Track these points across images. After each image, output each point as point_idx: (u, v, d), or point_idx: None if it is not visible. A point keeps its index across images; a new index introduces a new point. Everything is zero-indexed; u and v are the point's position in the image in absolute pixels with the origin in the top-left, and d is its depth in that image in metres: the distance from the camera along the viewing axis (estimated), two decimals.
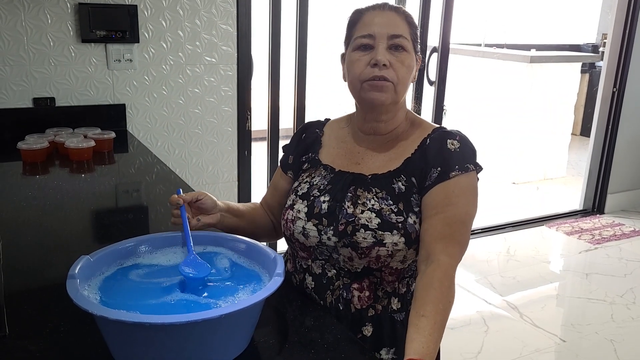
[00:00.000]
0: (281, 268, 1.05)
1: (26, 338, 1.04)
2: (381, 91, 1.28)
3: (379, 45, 1.27)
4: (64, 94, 2.53)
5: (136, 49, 2.62)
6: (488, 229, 4.32)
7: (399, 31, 1.28)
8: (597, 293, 3.41)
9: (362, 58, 1.29)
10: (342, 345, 1.07)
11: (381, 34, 1.27)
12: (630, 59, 4.38)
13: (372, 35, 1.28)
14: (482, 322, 3.04)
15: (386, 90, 1.28)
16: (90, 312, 0.89)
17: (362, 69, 1.28)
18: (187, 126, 2.85)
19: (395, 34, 1.28)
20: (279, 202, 1.47)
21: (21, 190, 1.91)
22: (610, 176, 4.69)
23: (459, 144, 1.28)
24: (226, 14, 2.79)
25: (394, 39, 1.28)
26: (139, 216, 1.80)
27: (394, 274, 1.29)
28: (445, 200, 1.24)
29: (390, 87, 1.28)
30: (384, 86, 1.27)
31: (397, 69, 1.28)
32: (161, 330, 0.89)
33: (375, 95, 1.28)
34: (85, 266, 1.04)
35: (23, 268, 1.34)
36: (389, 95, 1.29)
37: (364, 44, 1.29)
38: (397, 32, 1.28)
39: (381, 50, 1.27)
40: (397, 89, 1.29)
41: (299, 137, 1.48)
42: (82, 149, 2.18)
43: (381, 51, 1.27)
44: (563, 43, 7.46)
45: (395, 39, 1.28)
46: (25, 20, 2.39)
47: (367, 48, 1.29)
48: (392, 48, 1.28)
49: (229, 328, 0.96)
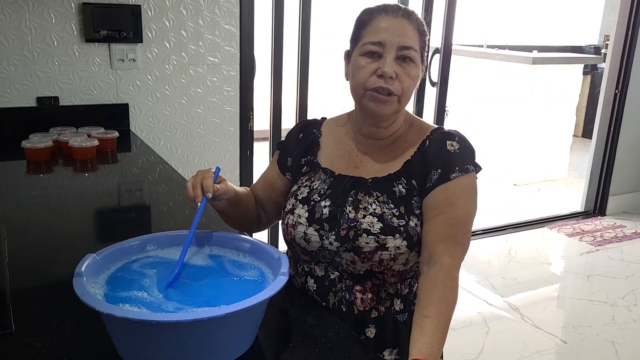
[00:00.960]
0: (286, 267, 1.05)
1: (32, 335, 1.04)
2: (384, 104, 1.26)
3: (388, 55, 1.24)
4: (67, 94, 2.54)
5: (139, 48, 2.63)
6: (489, 230, 4.32)
7: (410, 43, 1.25)
8: (598, 295, 3.42)
9: (369, 65, 1.25)
10: (345, 344, 1.08)
11: (391, 43, 1.24)
12: (633, 61, 4.39)
13: (382, 43, 1.24)
14: (483, 323, 3.04)
15: (389, 104, 1.26)
16: (97, 310, 0.89)
17: (368, 77, 1.26)
18: (189, 126, 2.86)
19: (405, 45, 1.24)
20: (273, 199, 1.45)
21: (25, 189, 1.92)
22: (612, 178, 4.69)
23: (458, 145, 1.28)
24: (229, 14, 2.80)
25: (403, 50, 1.24)
26: (142, 215, 1.81)
27: (396, 275, 1.29)
28: (446, 202, 1.24)
29: (394, 100, 1.26)
30: (388, 101, 1.25)
31: (403, 80, 1.25)
32: (167, 328, 0.89)
33: (377, 107, 1.27)
34: (91, 264, 1.04)
35: (28, 266, 1.35)
36: (392, 107, 1.27)
37: (372, 51, 1.25)
38: (407, 44, 1.25)
39: (389, 61, 1.24)
40: (400, 100, 1.27)
41: (296, 137, 1.45)
42: (85, 148, 2.19)
43: (389, 62, 1.23)
44: (565, 44, 7.46)
45: (404, 50, 1.24)
46: (29, 20, 2.40)
47: (375, 55, 1.25)
48: (400, 58, 1.25)
49: (234, 326, 0.96)
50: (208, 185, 1.21)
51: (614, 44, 4.45)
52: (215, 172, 1.25)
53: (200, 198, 1.20)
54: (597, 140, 4.68)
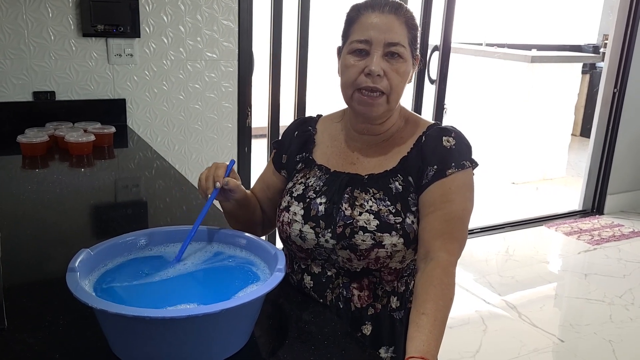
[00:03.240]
0: (282, 263, 1.04)
1: (25, 331, 1.03)
2: (372, 106, 1.25)
3: (375, 52, 1.23)
4: (64, 88, 2.52)
5: (137, 43, 2.62)
6: (487, 228, 4.32)
7: (397, 38, 1.23)
8: (595, 293, 3.41)
9: (357, 64, 1.24)
10: (341, 341, 1.07)
11: (378, 40, 1.23)
12: (632, 60, 4.38)
13: (369, 40, 1.23)
14: (481, 322, 3.04)
15: (377, 105, 1.25)
16: (90, 306, 0.88)
17: (356, 76, 1.25)
18: (187, 122, 2.85)
19: (392, 42, 1.23)
20: (270, 198, 1.44)
21: (21, 184, 1.91)
22: (610, 177, 4.69)
23: (454, 141, 1.27)
24: (227, 10, 2.78)
25: (390, 47, 1.23)
26: (139, 211, 1.80)
27: (392, 273, 1.29)
28: (442, 198, 1.23)
29: (383, 100, 1.25)
30: (375, 103, 1.25)
31: (392, 78, 1.24)
32: (161, 324, 0.88)
33: (365, 109, 1.26)
34: (85, 259, 1.03)
35: (22, 261, 1.34)
36: (381, 109, 1.26)
37: (359, 49, 1.24)
38: (394, 40, 1.23)
39: (376, 59, 1.22)
40: (389, 99, 1.26)
41: (291, 135, 1.44)
42: (82, 143, 2.17)
43: (376, 60, 1.22)
44: (564, 43, 7.46)
45: (391, 46, 1.23)
46: (26, 14, 2.38)
47: (362, 53, 1.24)
48: (387, 55, 1.24)
49: (230, 323, 0.95)
50: (219, 174, 1.23)
51: (613, 43, 4.44)
52: (229, 165, 1.26)
53: (212, 190, 1.21)
54: (596, 139, 4.67)
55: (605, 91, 4.55)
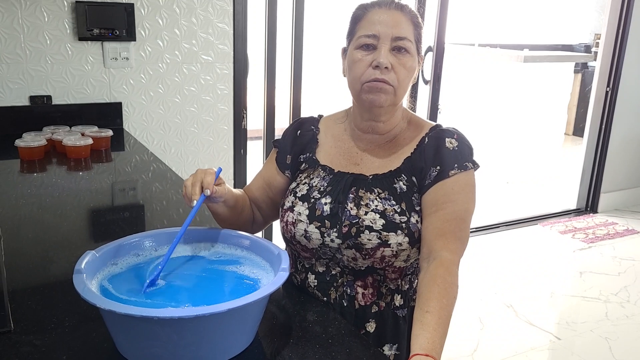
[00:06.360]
0: (286, 263, 1.05)
1: (31, 333, 1.04)
2: (380, 92, 1.27)
3: (382, 46, 1.25)
4: (60, 92, 2.52)
5: (133, 47, 2.62)
6: (482, 228, 4.34)
7: (404, 33, 1.26)
8: (591, 291, 3.43)
9: (365, 58, 1.27)
10: (346, 339, 1.08)
11: (385, 35, 1.25)
12: (624, 59, 4.41)
13: (376, 35, 1.25)
14: (478, 320, 3.05)
15: (386, 92, 1.27)
16: (98, 307, 0.89)
17: (364, 70, 1.27)
18: (183, 125, 2.85)
19: (400, 36, 1.25)
20: (271, 197, 1.44)
21: (19, 188, 1.91)
22: (604, 175, 4.72)
23: (457, 143, 1.29)
24: (222, 13, 2.79)
25: (397, 41, 1.25)
26: (136, 214, 1.80)
27: (396, 272, 1.30)
28: (444, 198, 1.25)
29: (390, 90, 1.27)
30: (384, 88, 1.26)
31: (399, 71, 1.26)
32: (168, 324, 0.89)
33: (374, 97, 1.27)
34: (90, 261, 1.04)
35: (24, 264, 1.34)
36: (389, 98, 1.28)
37: (366, 44, 1.27)
38: (401, 34, 1.26)
39: (384, 52, 1.25)
40: (397, 92, 1.28)
41: (294, 134, 1.44)
42: (79, 147, 2.17)
43: (384, 53, 1.25)
44: (556, 43, 7.50)
45: (399, 41, 1.25)
46: (22, 18, 2.39)
47: (370, 48, 1.27)
48: (395, 49, 1.26)
49: (235, 323, 0.96)
50: (209, 182, 1.19)
51: (605, 42, 4.47)
52: (217, 173, 1.23)
53: (198, 197, 1.18)
54: (589, 137, 4.70)
55: (598, 90, 4.58)
